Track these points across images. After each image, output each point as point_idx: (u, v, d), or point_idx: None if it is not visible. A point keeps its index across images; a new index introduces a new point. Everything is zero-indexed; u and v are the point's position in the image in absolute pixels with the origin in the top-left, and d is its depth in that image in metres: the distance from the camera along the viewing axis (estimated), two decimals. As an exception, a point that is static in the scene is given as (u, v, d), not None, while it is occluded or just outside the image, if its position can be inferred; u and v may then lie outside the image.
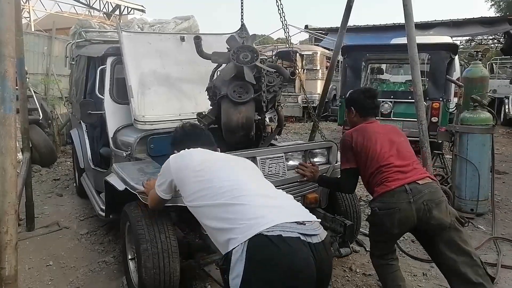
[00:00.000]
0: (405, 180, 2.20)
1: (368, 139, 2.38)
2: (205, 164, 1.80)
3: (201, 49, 2.83)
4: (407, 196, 2.16)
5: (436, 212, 2.16)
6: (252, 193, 1.61)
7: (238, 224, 1.47)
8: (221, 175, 1.71)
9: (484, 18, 16.01)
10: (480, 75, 4.48)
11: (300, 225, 1.48)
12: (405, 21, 3.17)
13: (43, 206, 4.45)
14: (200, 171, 1.76)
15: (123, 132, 3.35)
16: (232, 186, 1.63)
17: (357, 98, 2.59)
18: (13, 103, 1.83)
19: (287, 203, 1.67)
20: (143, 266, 2.30)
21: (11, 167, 1.80)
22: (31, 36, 8.44)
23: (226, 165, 1.85)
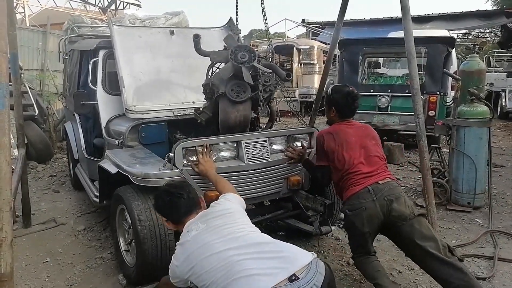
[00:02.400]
0: (368, 182, 2.43)
1: (339, 145, 2.55)
2: (195, 257, 1.79)
3: (199, 47, 2.91)
4: (370, 195, 2.39)
5: (396, 205, 2.37)
6: (247, 266, 1.64)
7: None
8: (212, 264, 1.72)
9: (481, 11, 15.99)
10: (477, 69, 4.49)
11: (293, 282, 1.56)
12: (402, 14, 3.14)
13: (40, 203, 4.43)
14: (195, 267, 1.77)
15: (115, 122, 3.49)
16: (226, 267, 1.67)
17: (340, 100, 2.66)
18: (6, 99, 1.80)
19: (279, 256, 1.70)
20: (137, 219, 2.44)
21: (5, 164, 1.78)
22: (26, 31, 8.37)
23: (214, 245, 1.79)
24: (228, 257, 1.72)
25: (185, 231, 1.94)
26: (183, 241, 1.91)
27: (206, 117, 2.93)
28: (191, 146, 2.58)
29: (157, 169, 2.48)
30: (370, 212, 2.38)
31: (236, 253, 1.72)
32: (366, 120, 6.91)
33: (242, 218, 1.98)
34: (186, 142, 2.58)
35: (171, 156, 2.47)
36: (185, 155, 2.56)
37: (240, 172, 2.69)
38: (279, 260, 1.68)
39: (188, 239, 1.88)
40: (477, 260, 3.11)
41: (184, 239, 1.91)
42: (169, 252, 2.50)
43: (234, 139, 2.72)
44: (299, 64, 12.53)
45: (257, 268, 1.63)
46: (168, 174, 2.45)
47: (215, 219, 1.92)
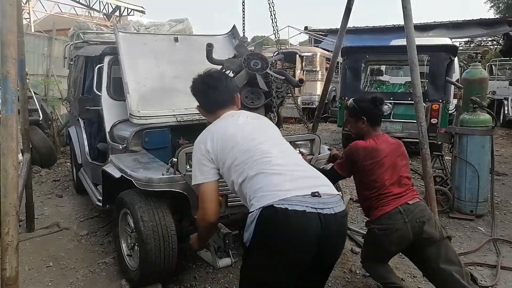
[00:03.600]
0: (399, 203, 2.42)
1: (374, 164, 2.47)
2: (233, 138, 1.81)
3: (211, 56, 2.95)
4: (402, 216, 2.37)
5: (427, 227, 2.38)
6: (281, 163, 1.71)
7: (259, 193, 1.62)
8: (249, 146, 1.76)
9: (483, 19, 16.04)
10: (479, 77, 4.50)
11: (314, 197, 1.60)
12: (405, 22, 3.18)
13: (43, 207, 4.45)
14: (232, 149, 1.78)
15: (119, 127, 3.51)
16: (262, 155, 1.72)
17: (368, 107, 2.58)
18: (15, 104, 1.83)
19: (310, 174, 1.76)
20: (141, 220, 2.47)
21: (12, 168, 1.80)
22: (31, 37, 8.45)
23: (253, 134, 1.84)
24: (267, 150, 1.75)
25: (229, 115, 1.96)
26: (227, 118, 1.92)
27: None
28: None
29: (161, 174, 2.50)
30: (401, 233, 2.37)
31: (275, 153, 1.75)
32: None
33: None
34: (189, 148, 2.57)
35: (175, 161, 2.49)
36: (188, 160, 2.57)
37: None
38: (312, 179, 1.73)
39: (237, 122, 1.89)
40: (480, 268, 3.10)
41: (227, 117, 1.93)
42: (172, 253, 2.55)
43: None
44: (302, 71, 12.57)
45: (290, 173, 1.68)
46: (172, 179, 2.47)
47: (258, 121, 1.98)
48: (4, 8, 1.79)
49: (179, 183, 2.49)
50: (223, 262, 2.44)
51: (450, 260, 2.35)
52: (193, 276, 2.93)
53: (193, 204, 2.55)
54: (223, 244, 2.35)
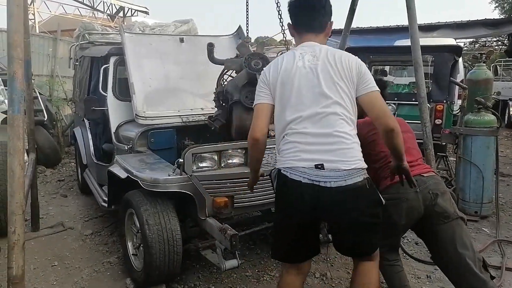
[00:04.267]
0: (411, 173, 2.21)
1: (378, 136, 2.32)
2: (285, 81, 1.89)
3: (212, 56, 2.96)
4: (414, 186, 2.20)
5: (441, 200, 2.23)
6: (308, 132, 1.83)
7: (279, 155, 1.91)
8: (292, 101, 1.87)
9: (488, 20, 15.92)
10: (484, 77, 4.48)
11: (316, 169, 1.77)
12: (409, 23, 3.17)
13: (48, 207, 4.48)
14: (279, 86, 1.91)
15: (125, 127, 3.53)
16: (301, 121, 1.84)
17: None
18: (21, 105, 1.85)
19: (329, 148, 1.81)
20: (146, 223, 2.48)
21: (18, 168, 1.82)
22: (36, 38, 8.49)
23: (302, 87, 1.86)
24: (303, 116, 1.83)
25: (299, 51, 1.92)
26: (289, 59, 1.91)
27: (219, 124, 2.97)
28: (200, 152, 2.60)
29: (167, 174, 2.50)
30: (412, 204, 2.22)
31: (309, 119, 1.83)
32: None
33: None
34: (196, 148, 2.60)
35: (181, 161, 2.49)
36: (195, 161, 2.58)
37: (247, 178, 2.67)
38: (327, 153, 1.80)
39: (293, 61, 1.89)
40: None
41: (289, 58, 1.91)
42: (177, 257, 2.54)
43: (243, 146, 2.74)
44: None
45: (309, 145, 1.82)
46: (178, 179, 2.47)
47: (331, 68, 1.86)
48: (11, 9, 1.81)
49: (186, 184, 2.48)
50: (229, 263, 2.43)
51: (464, 244, 2.20)
52: (197, 276, 2.94)
53: (200, 205, 2.55)
54: (229, 245, 2.32)
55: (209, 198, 2.53)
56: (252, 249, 3.38)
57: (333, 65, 1.84)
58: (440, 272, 3.00)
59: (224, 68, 3.04)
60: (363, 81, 1.87)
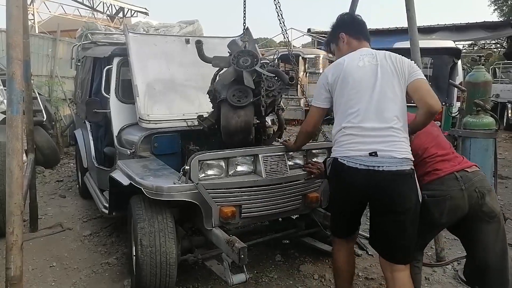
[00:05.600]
0: (454, 168, 2.14)
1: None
2: (345, 79, 2.13)
3: (202, 53, 2.86)
4: (458, 183, 2.09)
5: (489, 199, 2.10)
6: (362, 126, 2.06)
7: (336, 145, 2.16)
8: (353, 96, 2.10)
9: (487, 22, 15.99)
10: (483, 80, 4.48)
11: (370, 156, 2.00)
12: (408, 25, 3.18)
13: (47, 207, 4.48)
14: (339, 85, 2.16)
15: (127, 131, 3.42)
16: (358, 115, 2.07)
17: None
18: (20, 105, 1.85)
19: (384, 139, 2.03)
20: (139, 244, 2.38)
21: (17, 169, 1.82)
22: (36, 38, 8.48)
23: (364, 83, 2.10)
24: (363, 107, 2.06)
25: (359, 51, 2.22)
26: (350, 60, 2.17)
27: (208, 124, 2.87)
28: (207, 159, 2.48)
29: (172, 182, 2.37)
30: (456, 202, 2.08)
31: (368, 112, 2.05)
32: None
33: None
34: (202, 155, 2.47)
35: (187, 169, 2.36)
36: (201, 169, 2.45)
37: (258, 187, 2.55)
38: (382, 143, 2.02)
39: (354, 62, 2.14)
40: (483, 271, 3.09)
41: (350, 59, 2.17)
42: (169, 279, 2.43)
43: (251, 153, 2.62)
44: (305, 73, 12.59)
45: (367, 138, 2.04)
46: (183, 187, 2.35)
47: (379, 67, 2.11)
48: (11, 10, 1.81)
49: (192, 192, 2.36)
50: (237, 278, 2.32)
51: (506, 246, 2.11)
52: (195, 277, 2.94)
53: (206, 215, 2.43)
54: (237, 258, 2.21)
55: (216, 208, 2.41)
56: (250, 250, 3.38)
57: (390, 64, 2.11)
58: (438, 274, 3.02)
59: (212, 66, 2.89)
60: (412, 72, 2.11)
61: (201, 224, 2.50)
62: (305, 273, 3.01)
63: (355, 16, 2.43)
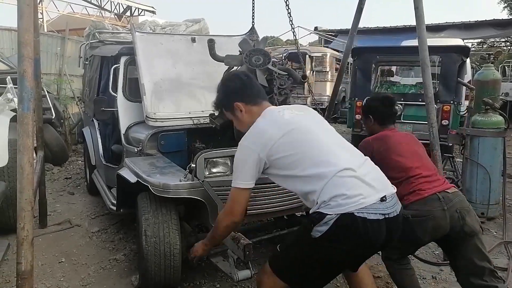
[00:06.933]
0: (436, 189, 2.23)
1: (391, 149, 2.38)
2: (290, 135, 1.78)
3: (214, 52, 2.87)
4: (440, 204, 2.18)
5: (469, 220, 2.20)
6: (351, 167, 1.72)
7: (337, 199, 1.64)
8: (312, 145, 1.78)
9: (496, 20, 15.81)
10: (492, 78, 4.46)
11: (382, 202, 1.68)
12: (416, 23, 3.16)
13: (55, 204, 4.53)
14: (287, 144, 1.77)
15: (134, 129, 3.46)
16: (328, 156, 1.74)
17: (375, 106, 2.60)
18: (31, 103, 1.87)
19: (374, 176, 1.78)
20: (143, 234, 2.42)
21: (28, 165, 1.84)
22: (45, 37, 8.56)
23: (312, 130, 1.84)
24: (333, 151, 1.77)
25: (269, 111, 1.91)
26: (274, 116, 1.86)
27: (221, 122, 2.87)
28: (213, 157, 2.51)
29: (178, 179, 2.42)
30: (439, 222, 2.18)
31: (341, 153, 1.78)
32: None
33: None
34: (208, 153, 2.50)
35: (193, 167, 2.40)
36: (207, 166, 2.48)
37: (263, 185, 2.51)
38: (379, 180, 1.78)
39: (285, 117, 1.84)
40: (491, 271, 3.07)
41: (272, 114, 1.87)
42: (173, 271, 2.47)
43: None
44: (311, 72, 12.56)
45: (362, 177, 1.71)
46: (189, 185, 2.39)
47: (312, 114, 1.99)
48: (22, 8, 1.83)
49: (198, 190, 2.40)
50: (242, 274, 2.32)
51: (483, 257, 2.21)
52: (202, 274, 2.96)
53: (212, 212, 2.45)
54: (242, 255, 2.21)
55: (222, 205, 2.41)
56: (257, 248, 3.39)
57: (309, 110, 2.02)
58: (445, 273, 3.01)
59: (225, 64, 2.91)
60: None
61: (207, 221, 2.53)
62: (311, 271, 3.01)
63: (244, 79, 2.00)
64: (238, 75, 2.06)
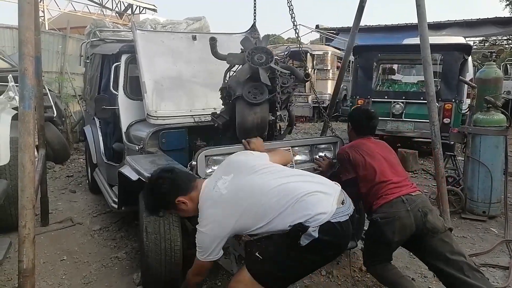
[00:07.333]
0: (401, 193, 2.45)
1: (365, 156, 2.63)
2: (237, 206, 1.89)
3: (216, 50, 2.85)
4: (404, 205, 2.39)
5: (430, 217, 2.39)
6: (305, 188, 1.91)
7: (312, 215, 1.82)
8: (258, 198, 1.89)
9: (498, 18, 15.75)
10: (494, 76, 4.43)
11: (343, 205, 1.93)
12: (418, 21, 3.15)
13: (57, 202, 4.54)
14: (244, 211, 1.88)
15: (135, 127, 3.48)
16: (284, 193, 1.88)
17: (356, 117, 2.89)
18: (32, 101, 1.87)
19: (326, 184, 2.02)
20: (144, 231, 2.44)
21: (29, 163, 1.84)
22: (46, 35, 8.56)
23: (252, 185, 1.94)
24: (284, 183, 1.91)
25: (207, 191, 1.97)
26: (214, 199, 1.92)
27: (223, 121, 2.87)
28: (213, 154, 2.53)
29: None
30: (404, 221, 2.37)
31: (290, 180, 1.94)
32: (380, 126, 6.85)
33: (263, 161, 2.15)
34: (208, 150, 2.52)
35: (194, 164, 2.41)
36: (208, 164, 2.50)
37: None
38: (325, 186, 1.99)
39: (222, 193, 1.91)
40: (492, 270, 3.07)
41: (214, 196, 1.92)
42: (174, 267, 2.49)
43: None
44: (313, 70, 12.54)
45: (318, 189, 1.92)
46: None
47: (240, 167, 2.04)
48: (23, 7, 1.83)
49: None
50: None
51: (454, 250, 2.34)
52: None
53: None
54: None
55: None
56: (258, 245, 3.39)
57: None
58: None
59: (227, 63, 2.88)
60: None
61: None
62: (312, 269, 3.01)
63: (169, 175, 2.02)
64: (161, 175, 2.03)
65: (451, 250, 2.34)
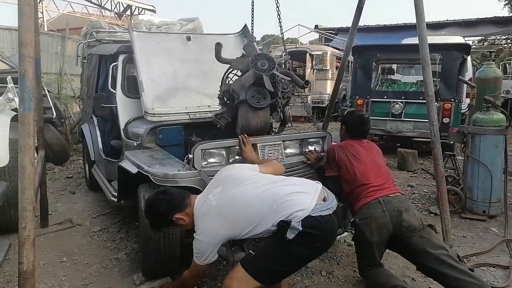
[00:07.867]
0: (379, 194, 2.57)
1: (350, 158, 2.75)
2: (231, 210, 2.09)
3: (220, 55, 2.97)
4: (381, 206, 2.51)
5: (406, 216, 2.48)
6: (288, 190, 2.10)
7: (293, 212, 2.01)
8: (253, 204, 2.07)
9: (497, 18, 15.79)
10: (493, 76, 4.44)
11: (325, 202, 2.09)
12: (417, 21, 3.15)
13: (56, 204, 4.53)
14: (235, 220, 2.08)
15: (133, 124, 3.59)
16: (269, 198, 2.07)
17: (350, 120, 3.00)
18: (32, 102, 1.87)
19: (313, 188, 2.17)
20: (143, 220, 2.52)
21: (29, 164, 1.84)
22: (45, 36, 8.56)
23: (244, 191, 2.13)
24: (265, 190, 2.09)
25: (199, 205, 2.17)
26: (206, 210, 2.11)
27: (225, 122, 3.01)
28: (209, 148, 2.67)
29: (177, 169, 2.54)
30: (380, 221, 2.48)
31: (270, 186, 2.11)
32: (379, 126, 6.88)
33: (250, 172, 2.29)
34: (205, 144, 2.65)
35: (191, 157, 2.53)
36: (204, 157, 2.64)
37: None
38: (305, 185, 2.17)
39: (212, 204, 2.11)
40: (493, 269, 3.07)
41: (206, 208, 2.12)
42: (174, 254, 2.60)
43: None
44: (312, 70, 12.56)
45: (296, 190, 2.09)
46: (187, 174, 2.51)
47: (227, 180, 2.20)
48: (22, 8, 1.83)
49: (195, 178, 2.53)
50: (237, 256, 2.47)
51: (435, 245, 2.40)
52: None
53: None
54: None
55: None
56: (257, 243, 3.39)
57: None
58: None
59: (231, 68, 3.05)
60: None
61: None
62: (313, 269, 3.01)
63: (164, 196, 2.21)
64: (157, 197, 2.21)
65: (431, 244, 2.40)
